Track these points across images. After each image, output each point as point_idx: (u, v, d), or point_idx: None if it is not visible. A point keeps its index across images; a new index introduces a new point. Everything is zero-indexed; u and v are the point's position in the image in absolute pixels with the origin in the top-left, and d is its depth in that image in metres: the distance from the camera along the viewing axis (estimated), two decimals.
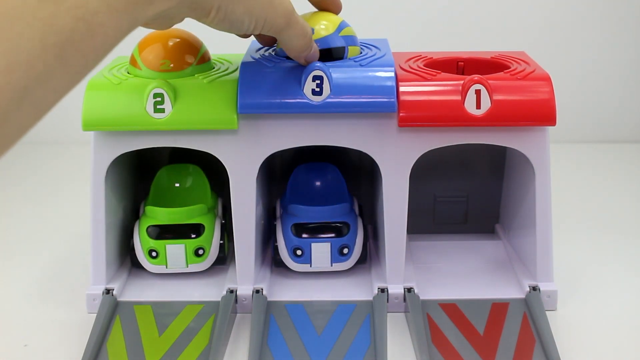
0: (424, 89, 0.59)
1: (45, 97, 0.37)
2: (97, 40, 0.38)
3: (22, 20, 0.35)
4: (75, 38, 0.37)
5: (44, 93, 0.36)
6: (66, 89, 0.38)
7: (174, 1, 0.44)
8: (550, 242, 0.61)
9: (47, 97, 0.37)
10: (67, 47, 0.36)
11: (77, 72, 0.38)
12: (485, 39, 1.00)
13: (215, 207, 0.66)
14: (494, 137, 0.59)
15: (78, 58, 0.37)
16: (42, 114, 0.38)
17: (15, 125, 0.36)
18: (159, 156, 0.70)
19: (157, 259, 0.63)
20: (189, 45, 0.61)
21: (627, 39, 1.01)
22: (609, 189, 0.88)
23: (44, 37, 0.35)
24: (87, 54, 0.38)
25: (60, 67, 0.36)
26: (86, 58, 0.38)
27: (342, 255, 0.63)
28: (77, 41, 0.37)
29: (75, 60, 0.37)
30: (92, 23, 0.37)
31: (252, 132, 0.59)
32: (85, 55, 0.38)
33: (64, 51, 0.36)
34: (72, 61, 0.37)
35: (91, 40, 0.37)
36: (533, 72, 0.60)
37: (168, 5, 0.44)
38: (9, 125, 0.35)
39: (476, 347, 0.55)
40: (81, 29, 0.37)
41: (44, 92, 0.36)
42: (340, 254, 0.63)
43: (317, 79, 0.57)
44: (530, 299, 0.59)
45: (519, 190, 0.65)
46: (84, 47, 0.37)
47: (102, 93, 0.59)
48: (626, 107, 1.03)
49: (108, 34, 0.39)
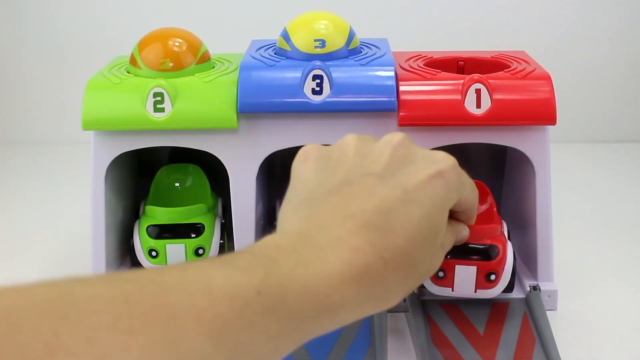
0: (424, 88, 0.59)
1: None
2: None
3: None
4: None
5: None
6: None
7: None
8: (550, 241, 0.61)
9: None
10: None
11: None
12: (485, 38, 1.00)
13: (215, 207, 0.66)
14: (494, 137, 0.59)
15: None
16: None
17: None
18: (159, 156, 0.70)
19: (157, 259, 0.62)
20: (189, 44, 0.61)
21: (627, 39, 1.01)
22: (609, 188, 0.88)
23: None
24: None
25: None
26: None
27: None
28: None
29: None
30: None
31: (252, 131, 0.59)
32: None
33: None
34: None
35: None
36: (533, 71, 0.60)
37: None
38: None
39: (476, 347, 0.55)
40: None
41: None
42: None
43: (317, 78, 0.57)
44: (531, 298, 0.59)
45: (519, 189, 0.65)
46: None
47: (102, 93, 0.59)
48: (626, 107, 1.03)
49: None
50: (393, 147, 0.46)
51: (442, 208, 0.44)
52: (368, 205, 0.41)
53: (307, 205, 0.43)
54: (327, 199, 0.43)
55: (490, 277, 0.56)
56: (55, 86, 1.03)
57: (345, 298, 0.38)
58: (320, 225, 0.41)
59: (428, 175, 0.44)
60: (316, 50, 0.60)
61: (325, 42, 0.61)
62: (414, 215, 0.42)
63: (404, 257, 0.41)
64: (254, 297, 0.35)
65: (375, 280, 0.40)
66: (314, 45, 0.61)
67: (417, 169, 0.44)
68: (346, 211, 0.41)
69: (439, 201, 0.44)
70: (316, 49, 0.60)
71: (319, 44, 0.60)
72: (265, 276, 0.36)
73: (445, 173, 0.44)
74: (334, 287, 0.38)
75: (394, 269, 0.40)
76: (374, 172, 0.44)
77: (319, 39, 0.61)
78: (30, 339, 0.29)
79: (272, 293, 0.36)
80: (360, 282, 0.39)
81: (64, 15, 1.00)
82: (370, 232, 0.40)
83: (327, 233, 0.40)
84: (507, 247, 0.57)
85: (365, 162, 0.45)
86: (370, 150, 0.46)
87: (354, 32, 0.63)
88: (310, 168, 0.47)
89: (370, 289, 0.40)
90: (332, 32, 0.61)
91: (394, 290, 0.41)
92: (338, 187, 0.43)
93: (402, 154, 0.45)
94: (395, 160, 0.45)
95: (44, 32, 1.01)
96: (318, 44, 0.60)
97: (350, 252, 0.39)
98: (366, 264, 0.39)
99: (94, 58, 0.78)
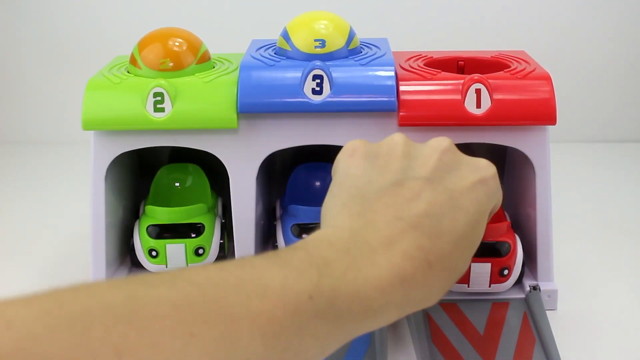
0: (424, 88, 0.59)
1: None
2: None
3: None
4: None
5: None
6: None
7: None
8: (550, 241, 0.61)
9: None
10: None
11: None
12: (485, 38, 1.00)
13: (215, 207, 0.66)
14: (494, 137, 0.59)
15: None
16: None
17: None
18: (159, 156, 0.70)
19: (157, 259, 0.62)
20: (189, 44, 0.61)
21: (627, 39, 1.01)
22: (609, 188, 0.88)
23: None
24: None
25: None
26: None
27: None
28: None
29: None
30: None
31: (252, 131, 0.59)
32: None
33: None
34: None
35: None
36: (533, 71, 0.60)
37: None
38: None
39: (476, 347, 0.55)
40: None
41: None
42: None
43: (317, 78, 0.57)
44: (531, 298, 0.59)
45: (519, 189, 0.65)
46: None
47: (102, 92, 0.59)
48: (626, 107, 1.03)
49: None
50: (441, 152, 0.47)
51: (484, 214, 0.46)
52: (417, 209, 0.43)
53: (358, 202, 0.44)
54: (378, 199, 0.44)
55: (503, 272, 0.59)
56: (55, 86, 1.03)
57: (390, 301, 0.40)
58: (371, 224, 0.42)
59: (472, 181, 0.46)
60: (316, 50, 0.60)
61: (325, 42, 0.61)
62: (460, 221, 0.44)
63: (448, 261, 0.42)
64: (306, 301, 0.37)
65: (419, 284, 0.41)
66: (314, 45, 0.61)
67: (462, 175, 0.46)
68: (397, 212, 0.43)
69: (482, 208, 0.46)
70: (316, 49, 0.60)
71: (319, 44, 0.60)
72: (318, 280, 0.37)
73: (487, 180, 0.47)
74: (382, 290, 0.39)
75: (438, 273, 0.42)
76: (422, 175, 0.45)
77: (319, 39, 0.61)
78: (100, 344, 0.30)
79: (324, 297, 0.37)
80: (406, 285, 0.40)
81: (64, 15, 1.00)
82: (420, 236, 0.41)
83: (378, 233, 0.42)
84: (516, 243, 0.60)
85: (413, 164, 0.46)
86: (418, 154, 0.47)
87: (354, 32, 0.63)
88: (358, 164, 0.48)
89: (414, 292, 0.41)
90: (332, 32, 0.61)
91: (435, 292, 0.42)
92: (388, 187, 0.45)
93: (448, 159, 0.47)
94: (442, 165, 0.46)
95: (44, 32, 1.01)
96: (318, 44, 0.60)
97: (400, 256, 0.40)
98: (414, 269, 0.41)
99: (94, 58, 0.78)
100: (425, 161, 0.46)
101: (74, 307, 0.32)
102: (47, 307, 0.31)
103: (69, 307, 0.32)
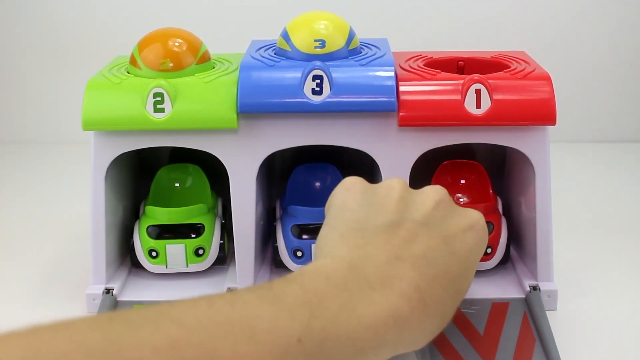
0: (424, 88, 0.59)
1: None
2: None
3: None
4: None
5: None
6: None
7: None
8: (550, 241, 0.61)
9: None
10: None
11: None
12: (485, 38, 1.00)
13: (215, 207, 0.66)
14: (494, 137, 0.59)
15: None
16: None
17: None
18: (159, 156, 0.70)
19: (157, 259, 0.62)
20: (189, 44, 0.61)
21: (627, 39, 1.01)
22: (609, 189, 0.88)
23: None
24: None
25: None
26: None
27: None
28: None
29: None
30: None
31: (252, 131, 0.59)
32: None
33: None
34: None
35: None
36: (533, 71, 0.60)
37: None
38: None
39: (476, 347, 0.55)
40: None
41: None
42: None
43: (317, 78, 0.57)
44: (531, 298, 0.59)
45: (519, 189, 0.65)
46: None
47: (102, 93, 0.59)
48: (626, 107, 1.03)
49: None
50: (436, 200, 0.48)
51: (475, 262, 0.48)
52: (415, 250, 0.43)
53: (357, 235, 0.45)
54: (377, 235, 0.44)
55: (486, 251, 0.61)
56: (55, 86, 1.03)
57: (384, 341, 0.39)
58: (370, 259, 0.42)
59: (464, 228, 0.47)
60: (316, 50, 0.60)
61: (325, 42, 0.61)
62: (453, 265, 0.45)
63: (442, 304, 0.43)
64: (294, 344, 0.36)
65: (414, 326, 0.41)
66: (314, 45, 0.61)
67: (455, 222, 0.48)
68: (395, 251, 0.43)
69: (473, 254, 0.47)
70: (316, 49, 0.61)
71: (319, 44, 0.61)
72: (308, 321, 0.37)
73: (478, 228, 0.48)
74: (376, 331, 0.39)
75: (432, 315, 0.42)
76: (418, 219, 0.46)
77: (319, 39, 0.61)
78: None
79: (314, 339, 0.37)
80: (400, 326, 0.40)
81: (64, 16, 1.00)
82: (417, 277, 0.42)
83: (378, 269, 0.42)
84: (501, 223, 0.62)
85: (410, 208, 0.47)
86: (413, 199, 0.48)
87: (354, 32, 0.63)
88: (355, 199, 0.48)
89: (408, 333, 0.41)
90: (332, 32, 0.61)
91: (427, 334, 0.43)
92: (387, 226, 0.45)
93: (443, 208, 0.48)
94: (437, 213, 0.47)
95: (44, 32, 1.01)
96: (318, 44, 0.61)
97: (397, 296, 0.40)
98: (410, 310, 0.41)
99: (94, 58, 0.78)
100: (421, 207, 0.48)
101: (52, 352, 0.31)
102: (23, 354, 0.31)
103: (47, 352, 0.31)
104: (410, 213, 0.47)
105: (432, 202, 0.48)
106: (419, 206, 0.48)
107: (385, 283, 0.41)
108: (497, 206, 0.65)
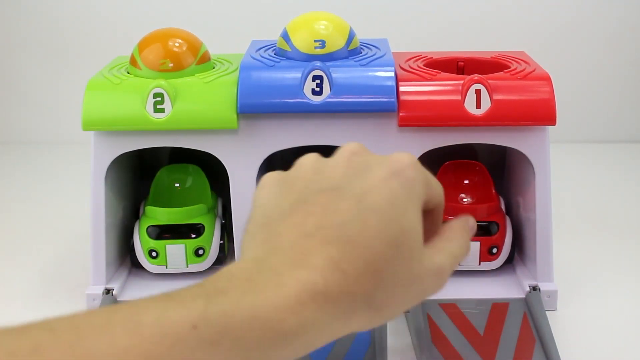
0: (424, 88, 0.59)
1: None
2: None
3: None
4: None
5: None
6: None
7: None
8: (550, 241, 0.61)
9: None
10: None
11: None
12: (485, 39, 1.00)
13: (215, 207, 0.66)
14: (494, 137, 0.59)
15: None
16: None
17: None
18: (159, 156, 0.70)
19: (157, 259, 0.63)
20: (189, 45, 0.61)
21: (627, 39, 1.01)
22: (609, 189, 0.88)
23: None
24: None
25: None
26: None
27: None
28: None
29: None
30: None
31: (252, 132, 0.59)
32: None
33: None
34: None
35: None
36: (533, 71, 0.60)
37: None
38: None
39: (476, 347, 0.55)
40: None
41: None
42: None
43: (317, 78, 0.57)
44: (531, 298, 0.59)
45: (519, 190, 0.65)
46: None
47: (102, 93, 0.59)
48: (626, 107, 1.03)
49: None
50: (346, 158, 0.44)
51: (404, 208, 0.42)
52: (323, 221, 0.40)
53: (264, 231, 0.42)
54: (282, 221, 0.41)
55: (492, 251, 0.62)
56: (55, 86, 1.03)
57: (305, 320, 0.36)
58: (276, 248, 0.39)
59: (382, 178, 0.42)
60: (316, 50, 0.61)
61: (325, 42, 0.61)
62: (371, 221, 0.40)
63: (367, 265, 0.39)
64: (188, 331, 0.34)
65: (339, 297, 0.38)
66: (314, 45, 0.61)
67: (372, 175, 0.43)
68: (303, 231, 0.40)
69: (398, 200, 0.41)
70: (316, 49, 0.61)
71: (319, 44, 0.61)
72: (205, 308, 0.35)
73: (402, 171, 0.42)
74: (289, 310, 0.36)
75: (359, 280, 0.38)
76: (328, 186, 0.42)
77: (319, 40, 0.61)
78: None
79: (212, 324, 0.34)
80: (319, 300, 0.37)
81: (64, 15, 1.00)
82: (328, 248, 0.38)
83: (283, 256, 0.39)
84: (506, 223, 0.63)
85: (320, 177, 0.44)
86: (325, 165, 0.45)
87: (354, 32, 0.63)
88: (266, 194, 0.45)
89: (336, 307, 0.37)
90: (332, 32, 0.61)
91: (368, 304, 0.39)
92: (292, 207, 0.42)
93: (356, 162, 0.44)
94: (350, 170, 0.43)
95: (44, 31, 1.01)
96: (318, 45, 0.61)
97: (307, 271, 0.37)
98: (325, 281, 0.37)
99: (94, 58, 0.78)
100: (332, 171, 0.44)
101: None
102: None
103: None
104: (320, 182, 0.43)
105: (343, 162, 0.44)
106: (330, 171, 0.44)
107: (293, 265, 0.38)
108: (501, 206, 0.65)
